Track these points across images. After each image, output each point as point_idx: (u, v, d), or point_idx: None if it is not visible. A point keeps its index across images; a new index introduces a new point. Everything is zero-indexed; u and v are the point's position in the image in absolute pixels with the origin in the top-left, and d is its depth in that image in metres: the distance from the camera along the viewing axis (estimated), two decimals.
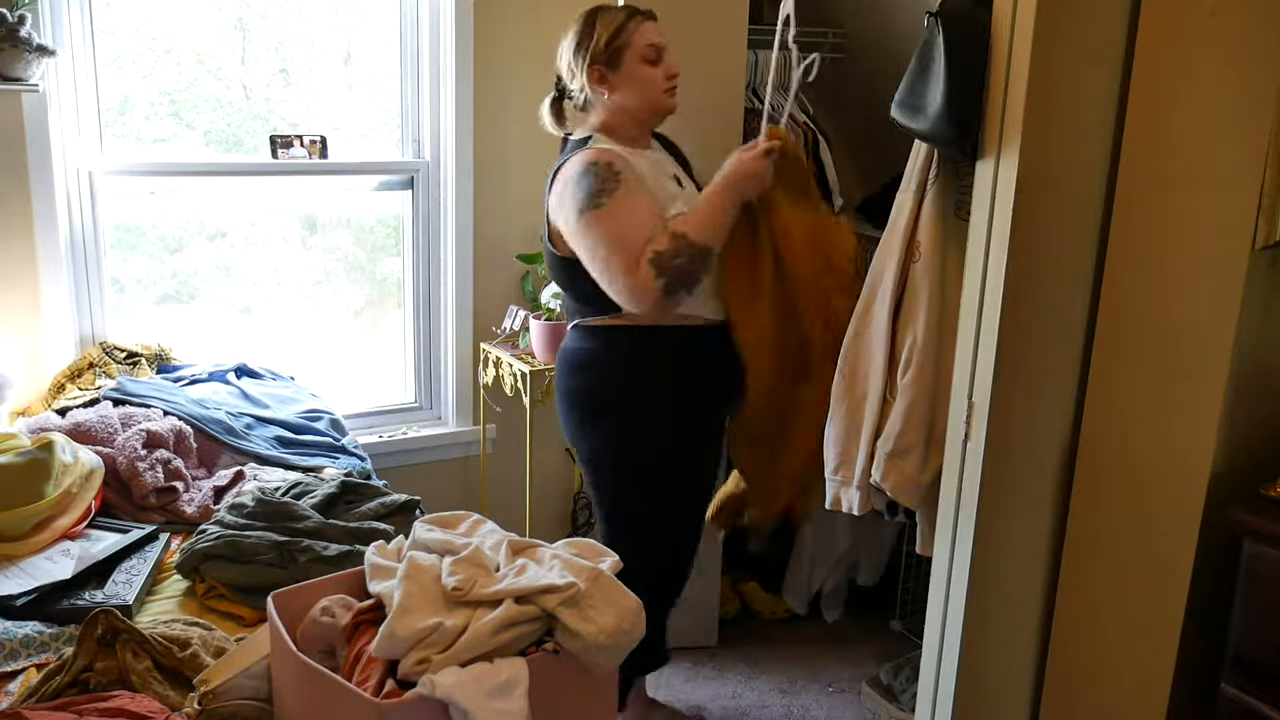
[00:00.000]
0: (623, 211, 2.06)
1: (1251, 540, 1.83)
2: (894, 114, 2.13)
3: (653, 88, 2.19)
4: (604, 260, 2.06)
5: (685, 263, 2.04)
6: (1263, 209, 1.78)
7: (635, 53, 2.16)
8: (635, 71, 2.17)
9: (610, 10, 2.21)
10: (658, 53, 2.18)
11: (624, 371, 2.22)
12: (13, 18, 2.27)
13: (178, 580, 1.84)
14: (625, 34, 2.16)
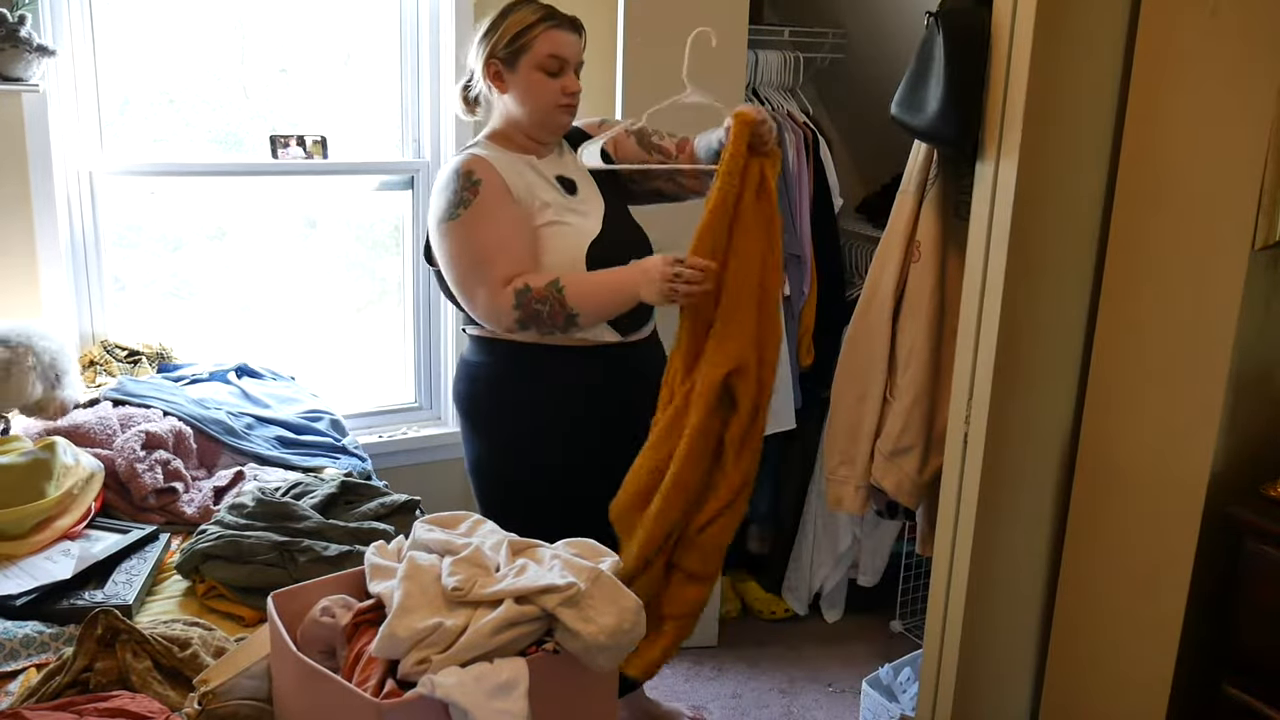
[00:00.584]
0: (479, 226, 1.97)
1: (1251, 540, 1.83)
2: (894, 114, 2.13)
3: (543, 100, 2.05)
4: (461, 273, 1.99)
5: (546, 313, 1.94)
6: (1263, 209, 1.78)
7: (534, 58, 2.02)
8: (529, 78, 2.04)
9: (526, 7, 2.07)
10: (559, 65, 2.04)
11: (511, 386, 2.11)
12: (13, 18, 2.27)
13: (178, 580, 1.84)
14: (529, 36, 2.02)
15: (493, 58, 2.05)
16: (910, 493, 2.38)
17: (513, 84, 2.06)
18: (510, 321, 1.97)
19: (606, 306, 1.99)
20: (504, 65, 2.05)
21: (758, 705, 2.81)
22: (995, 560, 2.16)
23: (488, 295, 1.97)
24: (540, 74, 2.03)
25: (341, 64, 2.98)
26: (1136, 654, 2.04)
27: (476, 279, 1.98)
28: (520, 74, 2.04)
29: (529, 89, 2.05)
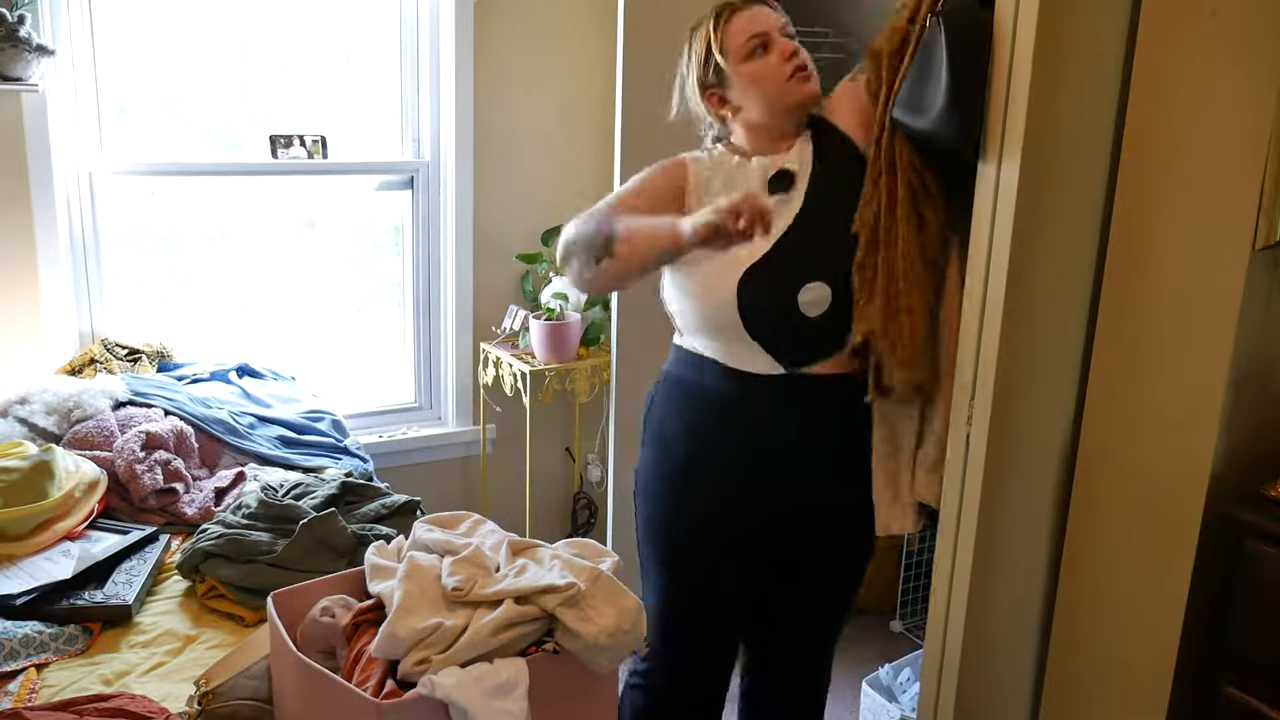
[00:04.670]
0: (627, 183, 1.84)
1: (1252, 540, 1.83)
2: (895, 114, 2.12)
3: (771, 84, 1.78)
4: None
5: (590, 229, 1.71)
6: (1263, 209, 1.78)
7: (735, 56, 1.78)
8: (742, 76, 1.78)
9: (704, 20, 1.83)
10: (761, 40, 1.77)
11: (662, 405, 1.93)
12: (13, 18, 2.27)
13: (178, 580, 1.84)
14: (718, 42, 1.78)
15: (706, 89, 1.82)
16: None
17: (736, 96, 1.81)
18: (560, 246, 1.75)
19: (643, 235, 1.65)
20: (719, 87, 1.81)
21: None
22: (995, 560, 2.16)
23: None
24: (751, 63, 1.78)
25: (341, 64, 2.98)
26: (1136, 654, 2.04)
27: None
28: (735, 81, 1.79)
29: (749, 84, 1.79)
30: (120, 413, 2.24)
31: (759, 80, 1.78)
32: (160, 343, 2.72)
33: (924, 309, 2.19)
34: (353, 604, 1.45)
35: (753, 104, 1.80)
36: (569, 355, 2.97)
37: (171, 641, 1.66)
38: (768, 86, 1.79)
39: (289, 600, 1.45)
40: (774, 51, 1.78)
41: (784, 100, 1.81)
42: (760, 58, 1.78)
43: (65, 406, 2.19)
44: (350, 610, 1.43)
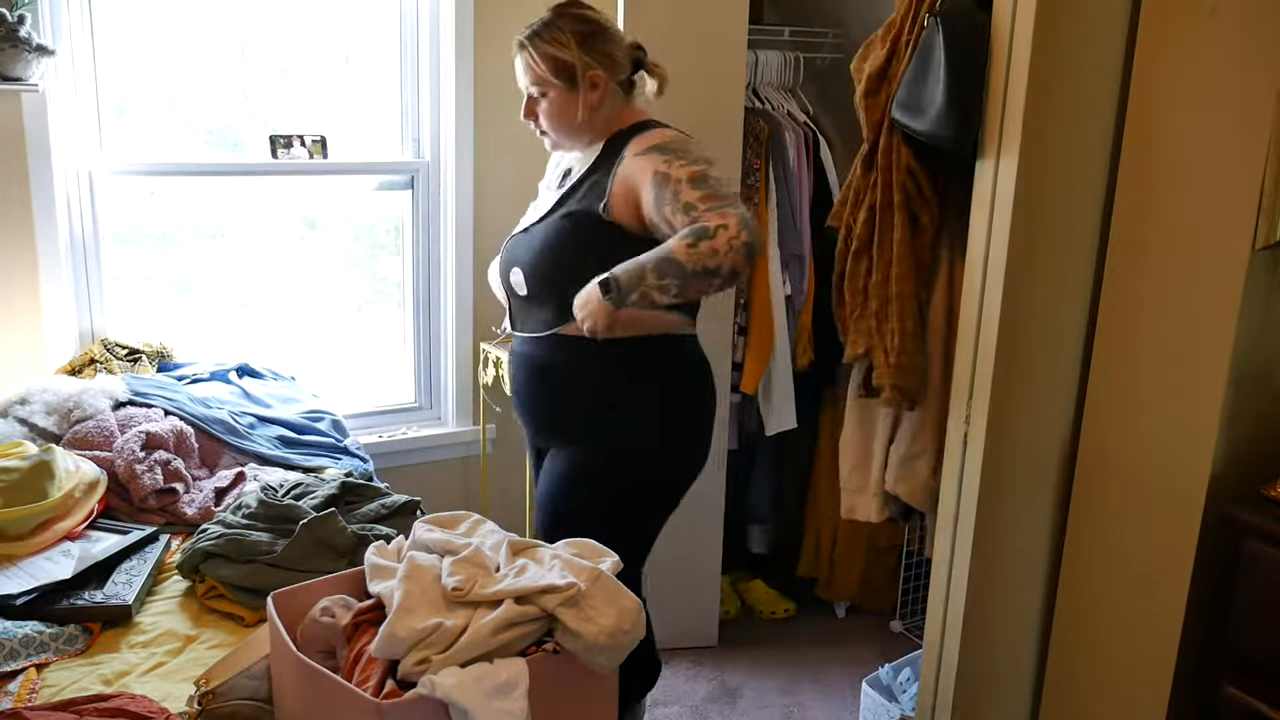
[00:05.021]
0: None
1: (1251, 540, 1.83)
2: (894, 114, 2.13)
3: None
4: None
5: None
6: (1263, 209, 1.78)
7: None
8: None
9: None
10: (525, 92, 2.10)
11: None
12: (13, 18, 2.27)
13: (178, 580, 1.84)
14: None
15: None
16: (924, 497, 2.39)
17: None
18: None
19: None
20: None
21: (758, 705, 2.81)
22: (995, 560, 2.16)
23: None
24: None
25: (341, 64, 2.98)
26: (1136, 654, 2.04)
27: None
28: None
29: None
30: (120, 413, 2.24)
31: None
32: (160, 343, 2.71)
33: (915, 315, 2.21)
34: (353, 604, 1.45)
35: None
36: None
37: (171, 641, 1.66)
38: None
39: (289, 600, 1.45)
40: (526, 105, 2.10)
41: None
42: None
43: (65, 406, 2.19)
44: (350, 610, 1.43)
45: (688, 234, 1.77)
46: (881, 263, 2.22)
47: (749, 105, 2.96)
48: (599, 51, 2.01)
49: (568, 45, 1.99)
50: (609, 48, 2.02)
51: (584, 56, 1.99)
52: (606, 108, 2.04)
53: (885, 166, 2.18)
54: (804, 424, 3.08)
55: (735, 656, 3.04)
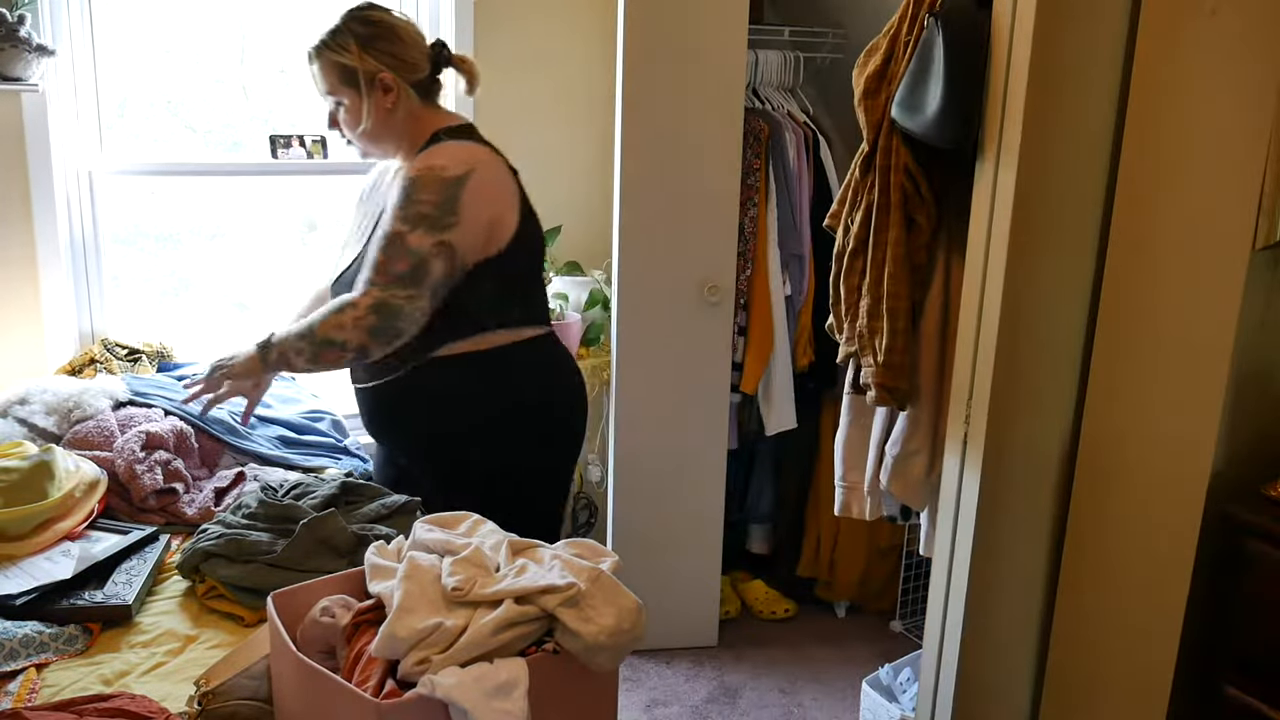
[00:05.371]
0: None
1: (1252, 540, 1.83)
2: (893, 115, 2.13)
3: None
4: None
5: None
6: (1263, 209, 1.78)
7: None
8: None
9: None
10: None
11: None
12: (13, 18, 2.27)
13: (178, 580, 1.84)
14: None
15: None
16: (918, 496, 2.39)
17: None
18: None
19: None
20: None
21: (758, 705, 2.81)
22: (995, 560, 2.16)
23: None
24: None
25: None
26: (1136, 654, 2.04)
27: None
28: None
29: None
30: (120, 413, 2.24)
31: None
32: (160, 343, 2.72)
33: (906, 315, 2.21)
34: (353, 604, 1.45)
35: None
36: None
37: (171, 641, 1.66)
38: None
39: (289, 600, 1.45)
40: (329, 115, 2.05)
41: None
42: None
43: (65, 407, 2.19)
44: (350, 610, 1.43)
45: (334, 304, 1.91)
46: (875, 262, 2.22)
47: (749, 105, 2.96)
48: (386, 53, 1.97)
49: (350, 50, 1.95)
50: (397, 48, 1.99)
51: (369, 60, 1.96)
52: (404, 110, 2.01)
53: (884, 167, 2.18)
54: (804, 424, 3.08)
55: (735, 656, 3.04)
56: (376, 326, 1.87)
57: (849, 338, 2.32)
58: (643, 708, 2.79)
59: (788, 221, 2.99)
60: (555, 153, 3.12)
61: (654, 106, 2.73)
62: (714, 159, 2.79)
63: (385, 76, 1.97)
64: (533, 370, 2.09)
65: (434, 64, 2.06)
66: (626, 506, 2.96)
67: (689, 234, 2.82)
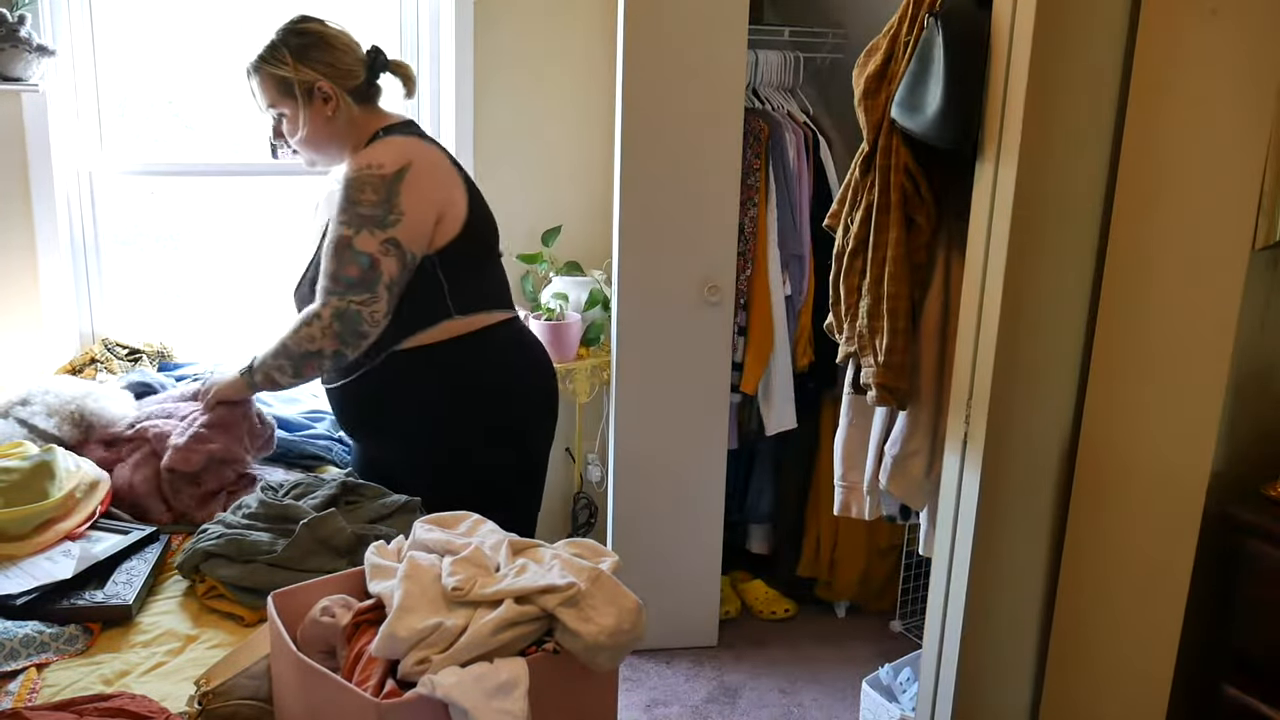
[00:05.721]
0: None
1: (1252, 540, 1.83)
2: (893, 115, 2.13)
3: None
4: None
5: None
6: (1263, 209, 1.78)
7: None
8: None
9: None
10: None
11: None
12: (13, 18, 2.27)
13: (178, 580, 1.84)
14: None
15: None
16: (917, 496, 2.39)
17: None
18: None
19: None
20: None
21: (758, 705, 2.81)
22: (995, 560, 2.16)
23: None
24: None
25: None
26: (1136, 654, 2.04)
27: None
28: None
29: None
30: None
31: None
32: (160, 343, 2.72)
33: (907, 315, 2.22)
34: (353, 604, 1.45)
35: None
36: (569, 355, 2.97)
37: (172, 641, 1.66)
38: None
39: (289, 600, 1.45)
40: (272, 128, 2.12)
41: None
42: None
43: (67, 409, 2.19)
44: (350, 610, 1.43)
45: (300, 318, 1.99)
46: (875, 262, 2.22)
47: (749, 105, 2.96)
48: (320, 62, 2.02)
49: (285, 62, 2.00)
50: (331, 56, 2.03)
51: (304, 70, 2.01)
52: (344, 117, 2.05)
53: (884, 167, 2.18)
54: (804, 424, 3.08)
55: (735, 656, 3.04)
56: (343, 333, 1.95)
57: (849, 338, 2.32)
58: (643, 708, 2.79)
59: (788, 221, 2.99)
60: (555, 153, 3.12)
61: (654, 106, 2.73)
62: (714, 159, 2.79)
63: (323, 85, 2.01)
64: (499, 354, 2.12)
65: (370, 69, 2.09)
66: (626, 506, 2.96)
67: (689, 234, 2.82)
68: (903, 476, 2.36)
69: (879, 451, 2.41)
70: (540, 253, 3.05)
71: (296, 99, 2.02)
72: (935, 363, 2.28)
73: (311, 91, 2.01)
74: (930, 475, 2.34)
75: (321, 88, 2.01)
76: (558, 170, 3.12)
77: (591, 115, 3.12)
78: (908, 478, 2.36)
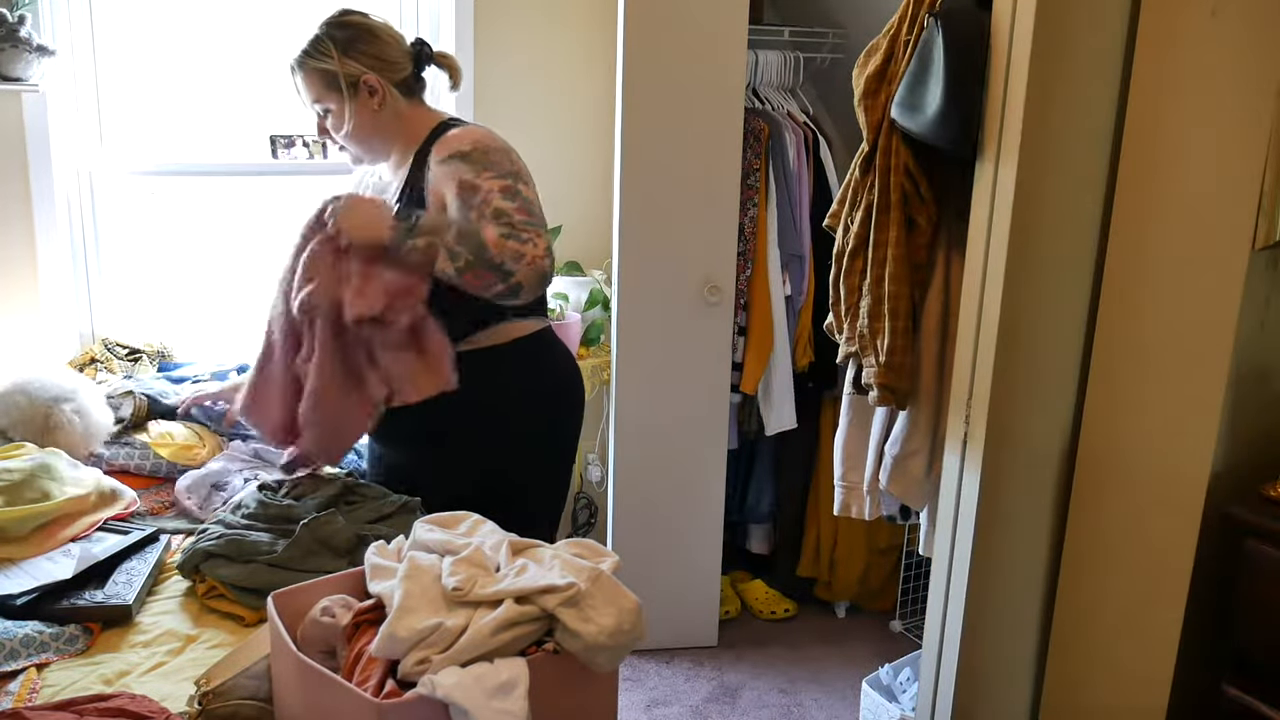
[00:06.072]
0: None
1: (1252, 540, 1.83)
2: (893, 115, 2.13)
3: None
4: None
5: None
6: (1263, 209, 1.78)
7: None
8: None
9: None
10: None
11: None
12: (13, 18, 2.27)
13: (178, 580, 1.84)
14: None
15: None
16: (917, 496, 2.39)
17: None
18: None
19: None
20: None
21: (758, 705, 2.81)
22: (995, 560, 2.16)
23: None
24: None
25: None
26: (1136, 654, 2.04)
27: None
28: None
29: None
30: None
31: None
32: (160, 343, 2.72)
33: (907, 315, 2.22)
34: (353, 604, 1.45)
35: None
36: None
37: (172, 641, 1.66)
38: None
39: (289, 600, 1.45)
40: (317, 124, 2.04)
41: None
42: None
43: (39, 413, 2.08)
44: (350, 610, 1.43)
45: (504, 228, 1.79)
46: (876, 262, 2.22)
47: (749, 105, 2.96)
48: (366, 55, 1.95)
49: (330, 55, 1.93)
50: (377, 48, 1.97)
51: (350, 64, 1.94)
52: (390, 111, 2.00)
53: (884, 167, 2.18)
54: (804, 424, 3.08)
55: (735, 656, 3.04)
56: (541, 272, 1.80)
57: (849, 338, 2.32)
58: (643, 708, 2.79)
59: (788, 222, 2.99)
60: (555, 153, 3.12)
61: (654, 106, 2.73)
62: (714, 159, 2.79)
63: (369, 79, 1.95)
64: (552, 358, 2.10)
65: (415, 62, 2.03)
66: (626, 506, 2.96)
67: (689, 234, 2.82)
68: (903, 476, 2.36)
69: (879, 451, 2.41)
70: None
71: (342, 93, 1.95)
72: (935, 363, 2.28)
73: (357, 85, 1.95)
74: (930, 475, 2.34)
75: (368, 81, 1.95)
76: (558, 170, 3.12)
77: (591, 115, 3.12)
78: (908, 478, 2.36)
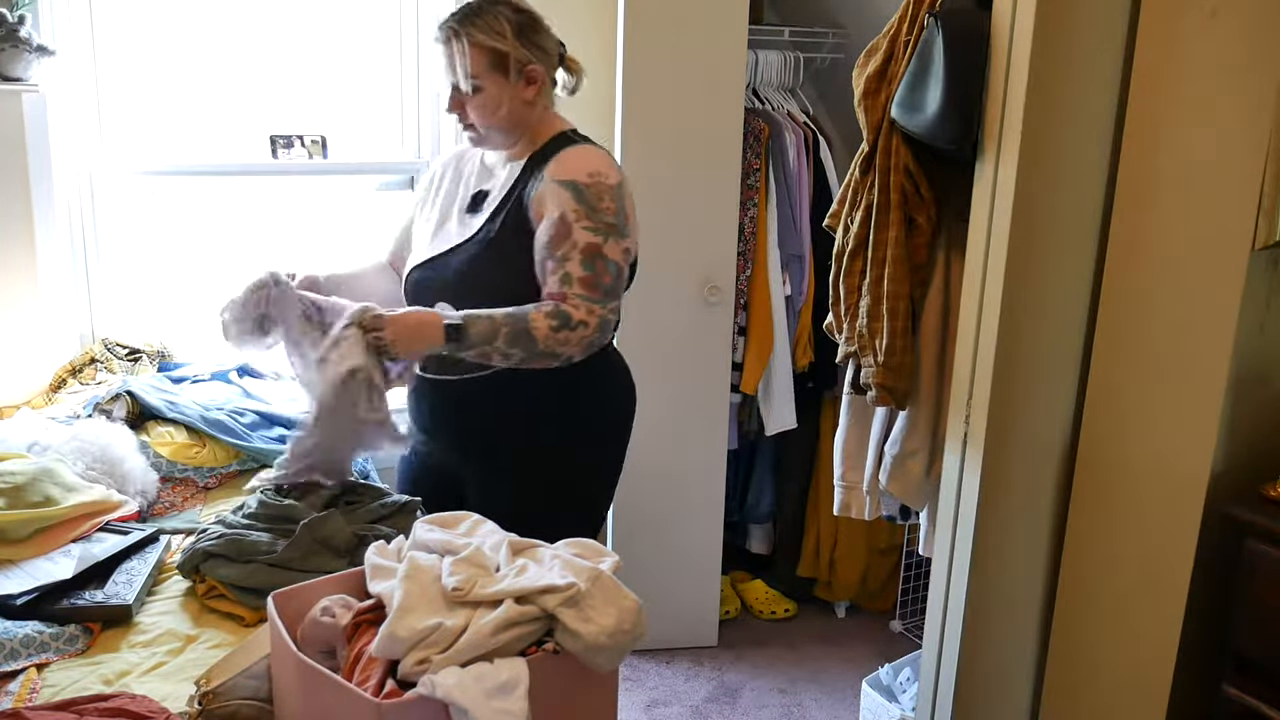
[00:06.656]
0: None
1: (1252, 540, 1.83)
2: (893, 115, 2.13)
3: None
4: None
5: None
6: (1263, 209, 1.78)
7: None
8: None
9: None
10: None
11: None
12: (13, 18, 2.27)
13: (178, 580, 1.83)
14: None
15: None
16: (917, 496, 2.39)
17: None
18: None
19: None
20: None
21: (758, 705, 2.81)
22: (995, 560, 2.17)
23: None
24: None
25: (341, 64, 2.98)
26: (1136, 654, 2.05)
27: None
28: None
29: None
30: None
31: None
32: (160, 343, 2.72)
33: (907, 315, 2.22)
34: (353, 604, 1.45)
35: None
36: None
37: (172, 641, 1.66)
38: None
39: (289, 600, 1.45)
40: (452, 100, 1.90)
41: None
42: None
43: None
44: (350, 610, 1.43)
45: (553, 315, 1.79)
46: (875, 262, 2.22)
47: (749, 105, 2.96)
48: (535, 44, 1.88)
49: (505, 35, 1.84)
50: (544, 40, 1.90)
51: (521, 48, 1.86)
52: (539, 105, 1.93)
53: (884, 167, 2.18)
54: (804, 424, 3.08)
55: (735, 656, 3.04)
56: (595, 342, 1.84)
57: (849, 338, 2.32)
58: (643, 708, 2.79)
59: (788, 222, 2.99)
60: None
61: (654, 106, 2.73)
62: (714, 159, 2.79)
63: (535, 69, 1.88)
64: (620, 376, 2.14)
65: (560, 62, 1.98)
66: (626, 506, 2.96)
67: (689, 234, 2.82)
68: (903, 476, 2.36)
69: (879, 451, 2.41)
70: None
71: (507, 75, 1.85)
72: (935, 363, 2.28)
73: (522, 71, 1.86)
74: (930, 475, 2.34)
75: (533, 70, 1.87)
76: None
77: (591, 115, 3.11)
78: (908, 478, 2.36)
